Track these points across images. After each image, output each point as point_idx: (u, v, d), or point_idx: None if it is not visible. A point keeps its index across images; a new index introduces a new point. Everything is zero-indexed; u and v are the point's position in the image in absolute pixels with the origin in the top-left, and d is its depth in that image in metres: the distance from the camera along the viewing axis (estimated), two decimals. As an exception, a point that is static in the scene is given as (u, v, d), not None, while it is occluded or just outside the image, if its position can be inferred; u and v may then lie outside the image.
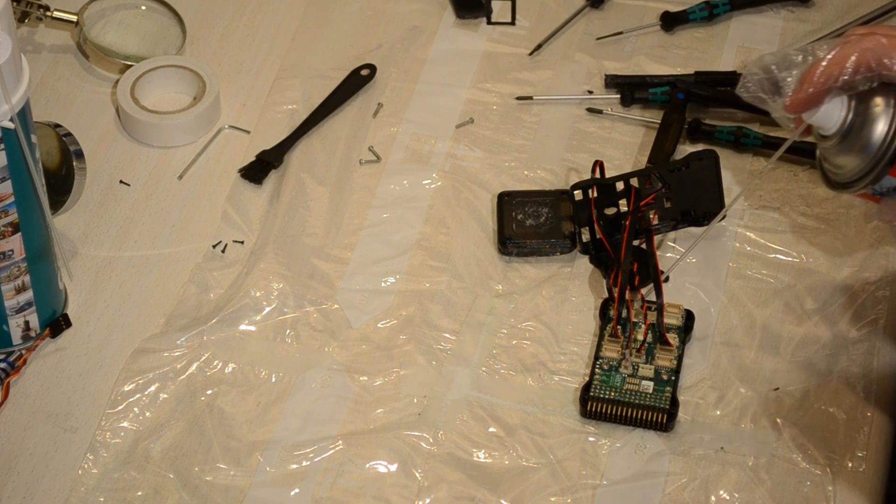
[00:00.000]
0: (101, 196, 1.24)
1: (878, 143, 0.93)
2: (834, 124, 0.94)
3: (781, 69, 0.94)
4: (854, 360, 1.12)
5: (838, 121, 0.94)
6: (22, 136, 1.02)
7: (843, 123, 0.94)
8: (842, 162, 0.96)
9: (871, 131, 0.93)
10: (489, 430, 1.09)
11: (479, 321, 1.15)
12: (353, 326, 1.15)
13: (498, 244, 1.20)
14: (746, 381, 1.11)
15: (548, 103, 1.31)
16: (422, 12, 1.39)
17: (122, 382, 1.11)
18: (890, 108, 0.93)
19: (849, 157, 0.95)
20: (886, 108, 0.93)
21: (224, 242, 1.21)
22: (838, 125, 0.94)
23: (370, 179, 1.25)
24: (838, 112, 0.94)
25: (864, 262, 1.19)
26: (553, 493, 1.05)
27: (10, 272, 1.08)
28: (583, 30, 1.37)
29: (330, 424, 1.09)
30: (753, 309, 1.16)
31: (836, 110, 0.94)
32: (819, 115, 0.94)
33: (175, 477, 1.06)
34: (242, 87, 1.33)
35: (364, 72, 1.33)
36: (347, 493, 1.05)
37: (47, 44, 1.36)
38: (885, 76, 0.92)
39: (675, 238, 1.20)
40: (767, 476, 1.06)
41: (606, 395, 1.09)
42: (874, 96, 0.93)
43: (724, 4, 1.38)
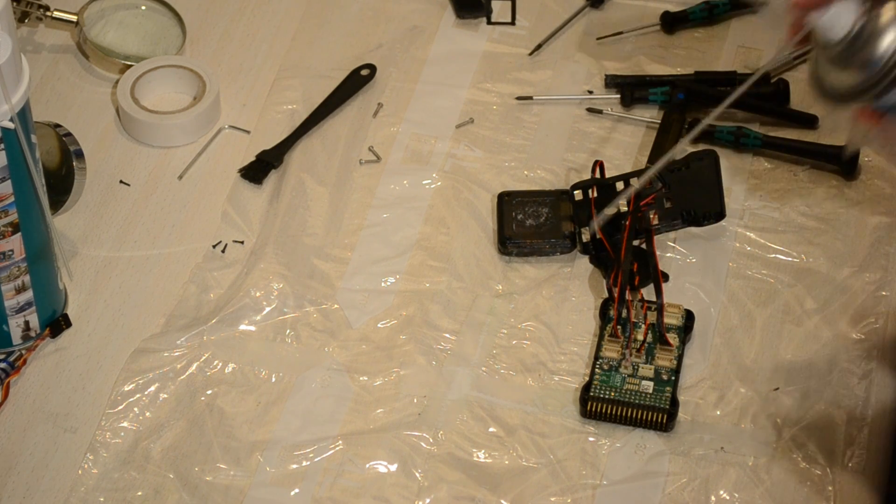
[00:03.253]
0: (101, 196, 1.24)
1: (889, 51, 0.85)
2: (842, 28, 0.86)
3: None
4: (854, 360, 1.12)
5: (847, 25, 0.86)
6: (22, 136, 1.02)
7: (852, 28, 0.86)
8: (845, 72, 0.87)
9: (882, 38, 0.85)
10: (489, 430, 1.09)
11: (479, 321, 1.15)
12: (353, 326, 1.15)
13: (498, 244, 1.20)
14: (746, 381, 1.11)
15: (548, 103, 1.31)
16: (422, 12, 1.39)
17: (122, 382, 1.11)
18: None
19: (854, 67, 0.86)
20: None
21: (224, 242, 1.21)
22: (846, 29, 0.86)
23: (370, 179, 1.25)
24: (849, 14, 0.86)
25: (864, 262, 1.19)
26: (553, 493, 1.05)
27: (10, 272, 1.08)
28: (583, 30, 1.37)
29: (330, 424, 1.09)
30: (753, 309, 1.16)
31: (848, 12, 0.86)
32: (828, 17, 0.86)
33: (175, 477, 1.06)
34: (242, 87, 1.33)
35: (364, 72, 1.33)
36: (347, 493, 1.05)
37: (47, 44, 1.36)
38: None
39: (675, 238, 1.20)
40: (767, 476, 1.06)
41: (606, 395, 1.09)
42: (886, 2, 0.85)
43: (724, 4, 1.38)
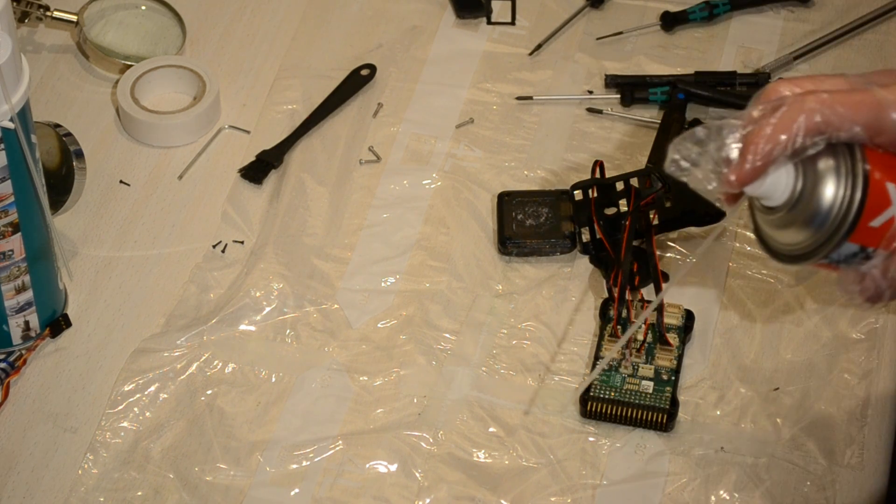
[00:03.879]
0: (101, 196, 1.24)
1: (834, 208, 0.84)
2: (782, 194, 0.85)
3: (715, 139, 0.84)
4: (854, 360, 1.12)
5: (787, 190, 0.85)
6: (22, 136, 1.02)
7: (793, 193, 0.85)
8: (792, 234, 0.87)
9: (824, 196, 0.84)
10: (489, 430, 1.09)
11: (479, 321, 1.15)
12: (353, 326, 1.15)
13: (498, 244, 1.20)
14: (746, 381, 1.11)
15: (548, 103, 1.31)
16: (422, 12, 1.39)
17: (122, 382, 1.11)
18: (842, 170, 0.84)
19: (800, 228, 0.86)
20: (836, 170, 0.84)
21: (224, 242, 1.21)
22: (787, 195, 0.85)
23: (370, 179, 1.25)
24: (786, 181, 0.85)
25: (864, 262, 1.19)
26: (553, 493, 1.05)
27: (10, 272, 1.08)
28: (583, 30, 1.38)
29: (330, 424, 1.09)
30: (753, 309, 1.16)
31: (784, 179, 0.85)
32: (766, 187, 0.85)
33: (175, 477, 1.06)
34: (242, 87, 1.33)
35: (364, 72, 1.33)
36: (347, 493, 1.05)
37: (47, 44, 1.36)
38: (833, 136, 0.83)
39: (675, 238, 1.20)
40: (767, 476, 1.06)
41: (606, 395, 1.09)
42: (821, 158, 0.84)
43: (724, 4, 1.38)
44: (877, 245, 0.85)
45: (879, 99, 0.84)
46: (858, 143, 0.84)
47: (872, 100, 0.84)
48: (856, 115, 0.83)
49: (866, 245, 0.85)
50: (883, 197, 0.85)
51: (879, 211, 0.85)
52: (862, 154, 0.84)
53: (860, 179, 0.84)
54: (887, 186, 0.85)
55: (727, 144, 0.84)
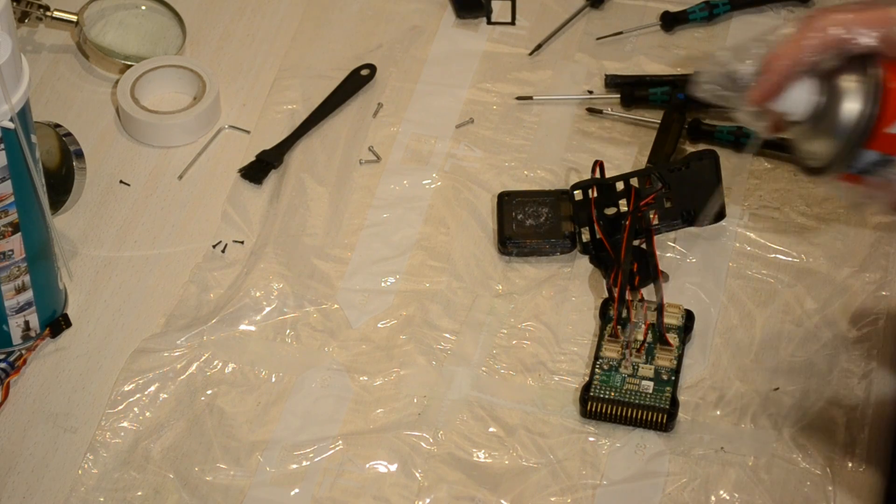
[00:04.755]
0: (101, 196, 1.24)
1: (850, 119, 0.88)
2: (804, 108, 0.90)
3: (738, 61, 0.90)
4: (854, 360, 1.12)
5: (809, 104, 0.90)
6: (22, 136, 1.02)
7: (814, 106, 0.89)
8: (816, 146, 0.90)
9: (841, 108, 0.88)
10: (489, 430, 1.09)
11: (479, 321, 1.15)
12: (353, 326, 1.15)
13: (498, 244, 1.20)
14: (746, 381, 1.11)
15: (548, 103, 1.31)
16: (422, 12, 1.39)
17: (122, 382, 1.11)
18: (857, 81, 0.88)
19: (823, 140, 0.90)
20: (854, 82, 0.88)
21: (224, 242, 1.21)
22: (809, 108, 0.90)
23: (370, 179, 1.25)
24: (807, 95, 0.89)
25: (864, 262, 1.19)
26: (553, 493, 1.05)
27: (10, 272, 1.08)
28: (583, 30, 1.38)
29: (330, 424, 1.09)
30: (753, 309, 1.16)
31: (805, 94, 0.89)
32: (787, 101, 0.89)
33: (175, 477, 1.06)
34: (242, 87, 1.33)
35: (364, 72, 1.33)
36: (347, 493, 1.05)
37: (47, 44, 1.36)
38: (849, 50, 0.88)
39: (674, 238, 1.20)
40: (767, 476, 1.06)
41: (606, 395, 1.09)
42: (839, 71, 0.89)
43: (724, 4, 1.38)
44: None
45: (892, 14, 0.88)
46: (874, 56, 0.88)
47: (885, 15, 0.88)
48: (869, 29, 0.88)
49: (886, 152, 0.88)
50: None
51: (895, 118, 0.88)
52: (876, 64, 0.88)
53: (873, 87, 0.88)
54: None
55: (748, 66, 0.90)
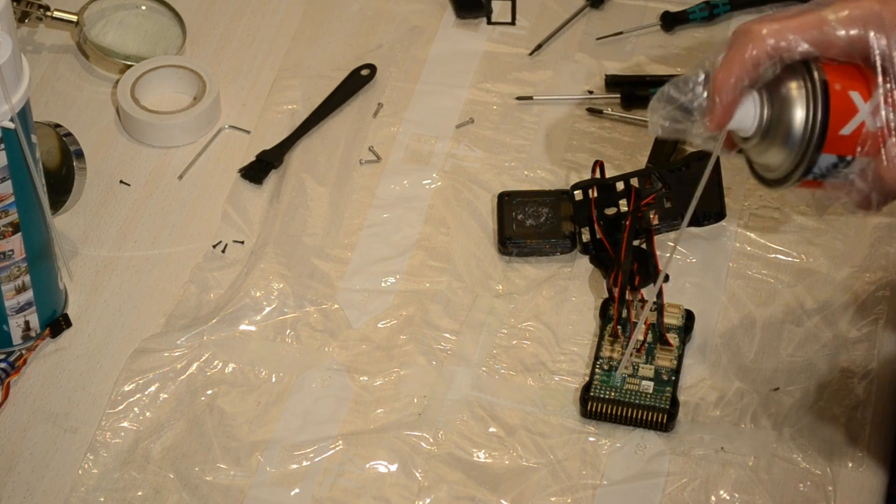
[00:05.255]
0: (101, 196, 1.24)
1: (801, 126, 0.88)
2: (752, 123, 0.90)
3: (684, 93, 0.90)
4: (854, 361, 1.12)
5: (756, 118, 0.90)
6: (22, 136, 1.02)
7: (762, 119, 0.90)
8: (772, 158, 0.91)
9: (792, 117, 0.89)
10: (489, 430, 1.09)
11: (479, 321, 1.15)
12: (353, 326, 1.15)
13: (498, 244, 1.20)
14: (746, 381, 1.11)
15: (548, 103, 1.31)
16: (422, 12, 1.39)
17: (122, 382, 1.11)
18: (802, 88, 0.89)
19: (777, 151, 0.90)
20: (799, 89, 0.89)
21: (224, 242, 1.21)
22: (756, 122, 0.90)
23: (370, 179, 1.25)
24: (753, 110, 0.90)
25: (864, 262, 1.19)
26: (553, 493, 1.05)
27: (10, 272, 1.08)
28: (583, 30, 1.38)
29: (330, 424, 1.09)
30: (753, 309, 1.16)
31: (752, 109, 0.90)
32: (736, 120, 0.90)
33: (175, 477, 1.06)
34: (242, 87, 1.33)
35: (364, 72, 1.33)
36: (347, 493, 1.05)
37: (47, 44, 1.36)
38: (785, 59, 0.88)
39: (674, 238, 1.20)
40: (767, 476, 1.06)
41: (606, 395, 1.09)
42: (782, 81, 0.89)
43: (724, 4, 1.38)
44: (853, 152, 0.88)
45: (823, 16, 0.88)
46: (814, 59, 0.89)
47: (817, 18, 0.88)
48: (802, 34, 0.88)
49: (843, 154, 0.89)
50: (847, 105, 0.88)
51: (847, 119, 0.88)
52: (819, 68, 0.88)
53: (819, 92, 0.88)
54: (851, 95, 0.88)
55: (696, 93, 0.90)
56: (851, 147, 0.88)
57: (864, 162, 0.89)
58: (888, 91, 0.88)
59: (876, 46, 0.87)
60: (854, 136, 0.88)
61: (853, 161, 0.89)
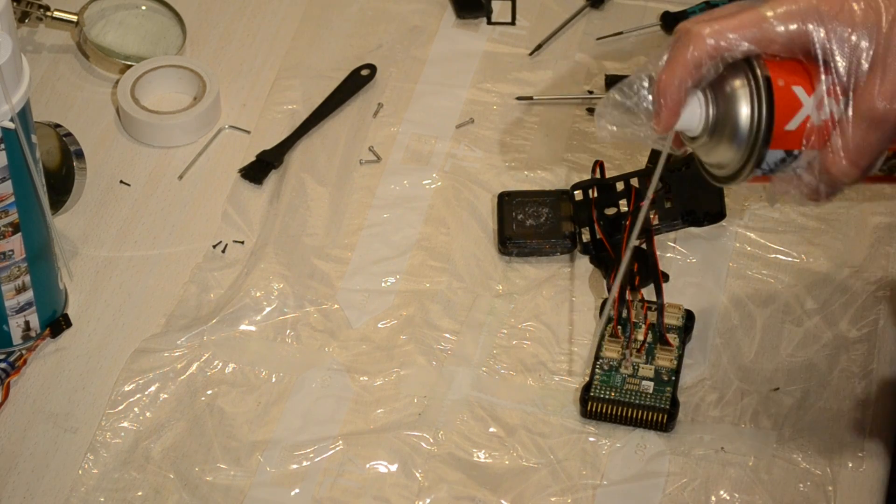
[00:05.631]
0: (101, 196, 1.24)
1: (747, 123, 0.88)
2: (699, 123, 0.90)
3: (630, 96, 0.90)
4: (854, 360, 1.12)
5: (702, 118, 0.90)
6: (22, 136, 1.02)
7: (708, 119, 0.90)
8: (720, 156, 0.91)
9: (737, 114, 0.89)
10: (489, 430, 1.09)
11: (480, 321, 1.15)
12: (353, 326, 1.15)
13: (498, 244, 1.20)
14: (746, 381, 1.11)
15: (548, 103, 1.31)
16: (422, 12, 1.39)
17: (122, 382, 1.11)
18: (745, 86, 0.88)
19: (725, 148, 0.90)
20: (742, 88, 0.88)
21: (224, 242, 1.21)
22: (703, 122, 0.90)
23: (370, 179, 1.25)
24: (699, 110, 0.90)
25: (864, 262, 1.19)
26: (553, 493, 1.05)
27: (10, 272, 1.08)
28: (583, 30, 1.38)
29: (330, 424, 1.09)
30: (753, 309, 1.16)
31: (697, 109, 0.90)
32: (682, 121, 0.90)
33: (175, 477, 1.06)
34: (242, 87, 1.33)
35: (364, 72, 1.33)
36: (347, 493, 1.05)
37: (47, 44, 1.36)
38: (726, 58, 0.88)
39: (675, 238, 1.20)
40: (767, 476, 1.06)
41: (606, 396, 1.09)
42: (725, 80, 0.89)
43: (724, 4, 1.38)
44: (799, 146, 0.89)
45: (762, 14, 0.88)
46: (756, 57, 0.89)
47: (756, 16, 0.88)
48: (743, 32, 0.88)
49: (789, 149, 0.89)
50: (791, 100, 0.88)
51: (792, 114, 0.88)
52: (761, 65, 0.88)
53: (763, 89, 0.88)
54: (794, 90, 0.88)
55: (642, 96, 0.90)
56: (797, 141, 0.89)
57: (810, 155, 0.89)
58: (830, 84, 0.88)
59: (816, 40, 0.87)
60: (800, 131, 0.88)
61: (800, 155, 0.89)
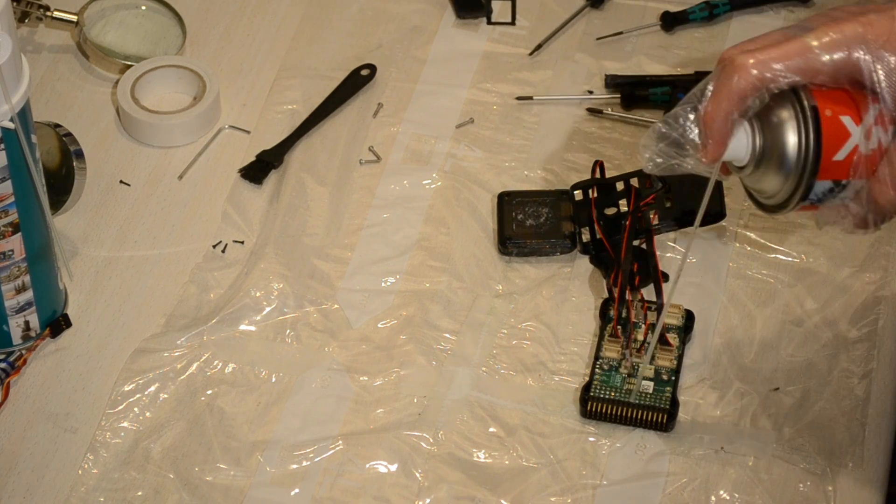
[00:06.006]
0: (101, 196, 1.24)
1: (795, 154, 0.89)
2: (746, 153, 0.91)
3: (675, 128, 0.90)
4: (854, 360, 1.12)
5: (749, 148, 0.90)
6: (22, 136, 1.02)
7: (755, 149, 0.90)
8: (768, 185, 0.92)
9: (784, 145, 0.89)
10: (489, 430, 1.09)
11: (479, 321, 1.15)
12: (353, 326, 1.15)
13: (498, 244, 1.20)
14: (746, 381, 1.11)
15: (548, 103, 1.31)
16: (422, 12, 1.39)
17: (122, 382, 1.11)
18: (791, 116, 0.89)
19: (773, 178, 0.91)
20: (789, 118, 0.89)
21: (224, 242, 1.21)
22: (750, 152, 0.91)
23: (370, 179, 1.25)
24: (746, 140, 0.90)
25: (864, 262, 1.19)
26: (553, 493, 1.05)
27: (10, 272, 1.08)
28: (583, 30, 1.38)
29: (330, 424, 1.09)
30: (753, 309, 1.16)
31: (745, 140, 0.90)
32: (729, 153, 0.90)
33: (175, 477, 1.06)
34: (242, 87, 1.33)
35: (364, 72, 1.33)
36: (347, 493, 1.05)
37: (47, 44, 1.36)
38: (772, 88, 0.88)
39: (674, 238, 1.20)
40: (767, 476, 1.06)
41: (606, 395, 1.09)
42: (772, 110, 0.89)
43: (724, 4, 1.38)
44: (847, 176, 0.89)
45: (807, 43, 0.87)
46: (803, 87, 0.88)
47: (801, 45, 0.87)
48: (788, 63, 0.87)
49: (837, 179, 0.89)
50: (839, 130, 0.88)
51: (840, 144, 0.88)
52: (808, 95, 0.88)
53: (811, 120, 0.88)
54: (842, 120, 0.88)
55: (687, 128, 0.90)
56: (845, 171, 0.89)
57: (858, 185, 0.89)
58: (878, 113, 0.87)
59: (863, 69, 0.87)
60: (847, 161, 0.88)
61: (848, 185, 0.89)
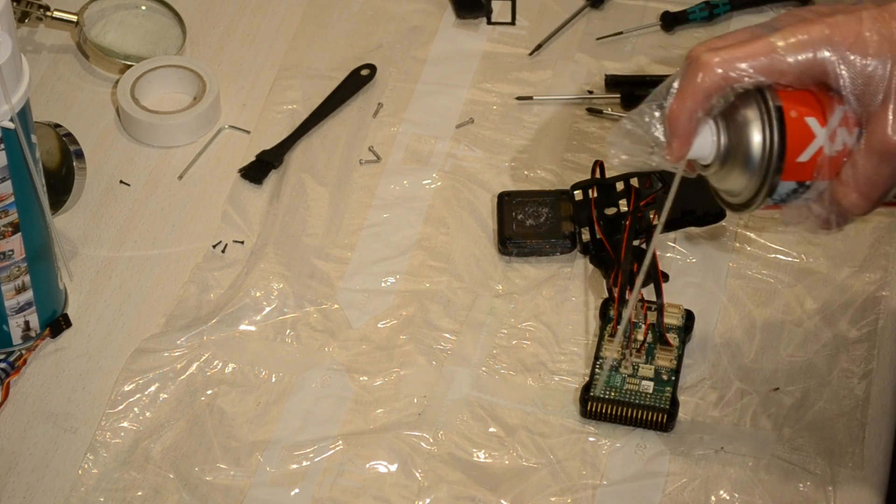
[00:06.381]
0: (101, 196, 1.24)
1: (759, 154, 0.88)
2: (710, 152, 0.90)
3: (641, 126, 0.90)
4: (854, 360, 1.12)
5: (713, 147, 0.90)
6: (22, 136, 1.02)
7: (719, 147, 0.90)
8: (732, 184, 0.91)
9: (749, 145, 0.88)
10: (489, 430, 1.09)
11: (479, 321, 1.15)
12: (353, 326, 1.15)
13: (498, 244, 1.20)
14: (746, 381, 1.11)
15: (548, 103, 1.31)
16: (422, 12, 1.39)
17: (122, 382, 1.11)
18: (756, 116, 0.88)
19: (737, 178, 0.90)
20: (754, 118, 0.88)
21: (224, 242, 1.21)
22: (715, 151, 0.90)
23: (370, 179, 1.25)
24: (711, 138, 0.89)
25: (864, 262, 1.19)
26: (553, 493, 1.05)
27: (10, 272, 1.08)
28: (583, 30, 1.38)
29: (330, 424, 1.09)
30: (753, 309, 1.16)
31: (708, 137, 0.89)
32: (694, 151, 0.90)
33: (175, 477, 1.06)
34: (242, 87, 1.33)
35: (364, 72, 1.33)
36: (347, 493, 1.05)
37: (47, 44, 1.36)
38: (737, 88, 0.87)
39: (674, 238, 1.20)
40: (767, 476, 1.06)
41: (606, 395, 1.09)
42: (737, 109, 0.89)
43: (724, 4, 1.38)
44: (811, 177, 0.88)
45: (773, 44, 0.86)
46: (768, 87, 0.87)
47: (767, 45, 0.86)
48: (753, 63, 0.86)
49: (801, 180, 0.89)
50: (804, 132, 0.88)
51: (804, 146, 0.88)
52: (774, 96, 0.87)
53: (775, 120, 0.87)
54: (807, 121, 0.87)
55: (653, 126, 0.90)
56: (809, 173, 0.88)
57: (821, 186, 0.88)
58: (843, 115, 0.86)
59: (829, 70, 0.85)
60: (811, 162, 0.88)
61: (811, 186, 0.89)
